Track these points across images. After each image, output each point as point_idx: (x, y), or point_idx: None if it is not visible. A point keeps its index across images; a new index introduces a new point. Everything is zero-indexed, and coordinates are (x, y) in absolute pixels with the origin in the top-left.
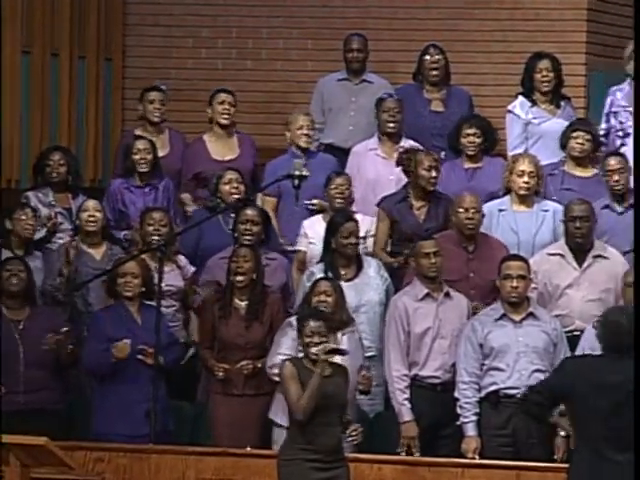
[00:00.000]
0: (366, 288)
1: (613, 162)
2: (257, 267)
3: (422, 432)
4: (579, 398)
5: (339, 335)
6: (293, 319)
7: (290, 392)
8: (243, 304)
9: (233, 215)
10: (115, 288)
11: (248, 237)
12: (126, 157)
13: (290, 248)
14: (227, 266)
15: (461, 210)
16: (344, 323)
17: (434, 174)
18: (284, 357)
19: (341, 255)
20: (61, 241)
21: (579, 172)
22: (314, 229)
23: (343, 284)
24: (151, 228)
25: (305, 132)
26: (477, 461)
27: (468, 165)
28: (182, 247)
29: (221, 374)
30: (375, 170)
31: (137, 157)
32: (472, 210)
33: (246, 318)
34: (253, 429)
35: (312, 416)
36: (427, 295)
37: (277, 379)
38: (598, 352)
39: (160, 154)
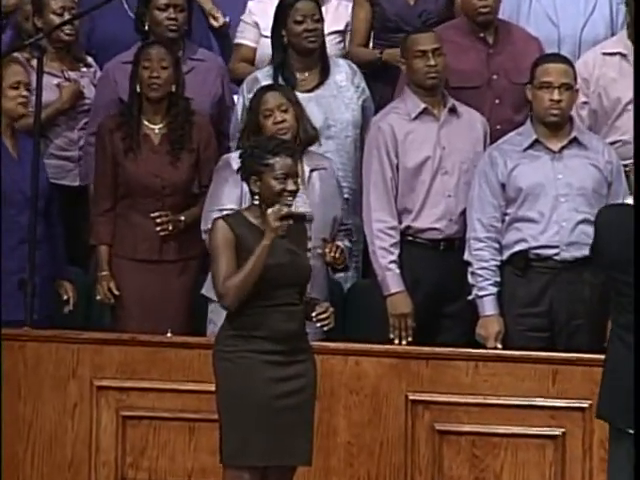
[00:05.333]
0: (334, 102)
1: None
2: (177, 75)
3: (417, 310)
4: (612, 265)
5: (306, 170)
6: (233, 156)
7: (218, 265)
8: (157, 129)
9: None
10: None
11: (172, 30)
12: None
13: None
14: (132, 74)
15: None
16: (311, 139)
17: None
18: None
19: (297, 52)
20: None
21: None
22: (267, 15)
23: (301, 96)
24: (54, 17)
25: None
26: (497, 352)
27: None
28: None
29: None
30: None
31: None
32: None
33: (162, 150)
34: (175, 307)
35: (264, 292)
36: (424, 112)
37: None
38: None
39: None
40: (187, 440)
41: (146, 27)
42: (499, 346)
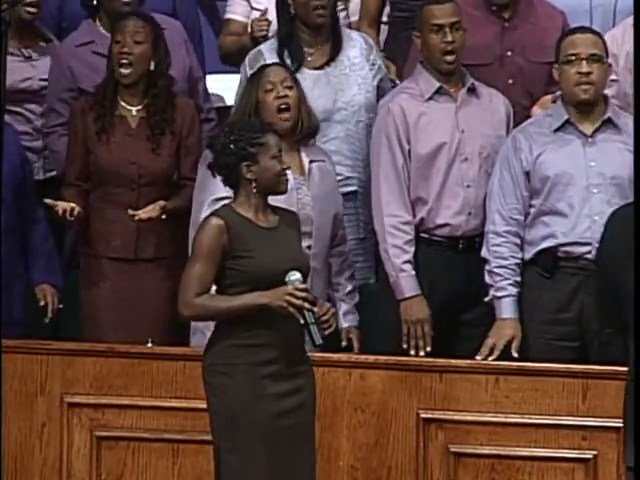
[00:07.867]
0: (346, 82)
1: None
2: (158, 51)
3: (432, 317)
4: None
5: (305, 161)
6: None
7: (195, 270)
8: (134, 110)
9: None
10: None
11: (124, 2)
12: None
13: None
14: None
15: None
16: (314, 129)
17: None
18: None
19: (305, 26)
20: None
21: None
22: None
23: (309, 74)
24: None
25: None
26: (521, 364)
27: None
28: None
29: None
30: None
31: None
32: None
33: (140, 134)
34: (156, 312)
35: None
36: (439, 92)
37: None
38: None
39: None
40: (170, 464)
41: (94, 1)
42: (515, 354)
